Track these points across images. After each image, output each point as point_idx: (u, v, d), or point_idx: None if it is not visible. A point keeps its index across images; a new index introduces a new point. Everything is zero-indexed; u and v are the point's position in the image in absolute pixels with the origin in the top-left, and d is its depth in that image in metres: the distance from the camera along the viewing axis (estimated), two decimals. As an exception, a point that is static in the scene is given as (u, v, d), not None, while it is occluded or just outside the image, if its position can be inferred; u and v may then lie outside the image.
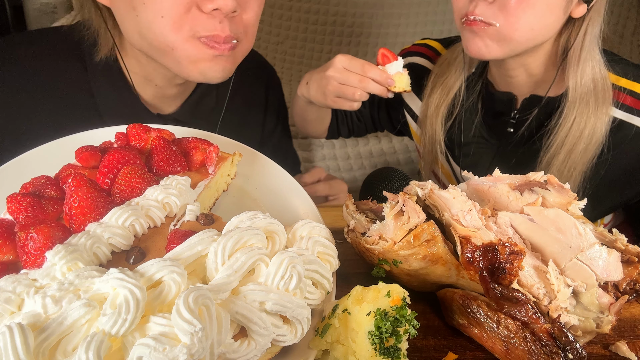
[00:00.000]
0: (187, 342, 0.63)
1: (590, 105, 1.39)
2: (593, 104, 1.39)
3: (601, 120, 1.39)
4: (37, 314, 0.68)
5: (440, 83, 1.64)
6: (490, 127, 1.62)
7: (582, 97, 1.40)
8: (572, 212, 0.92)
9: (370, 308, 0.78)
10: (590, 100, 1.39)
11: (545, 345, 0.77)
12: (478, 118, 1.62)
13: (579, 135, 1.40)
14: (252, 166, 1.16)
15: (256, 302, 0.74)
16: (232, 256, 0.76)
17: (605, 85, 1.41)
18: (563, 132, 1.42)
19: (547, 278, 0.83)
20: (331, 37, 3.10)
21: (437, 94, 1.65)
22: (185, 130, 1.16)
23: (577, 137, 1.40)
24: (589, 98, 1.40)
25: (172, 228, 0.87)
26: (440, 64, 1.68)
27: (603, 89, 1.41)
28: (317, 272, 0.84)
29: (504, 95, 1.56)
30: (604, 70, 1.42)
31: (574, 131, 1.40)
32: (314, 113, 1.78)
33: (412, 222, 0.85)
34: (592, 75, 1.40)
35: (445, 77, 1.64)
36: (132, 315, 0.66)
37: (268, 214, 0.86)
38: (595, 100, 1.39)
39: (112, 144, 1.04)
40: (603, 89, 1.41)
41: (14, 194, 0.85)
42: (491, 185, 0.97)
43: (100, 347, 0.63)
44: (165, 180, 0.93)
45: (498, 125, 1.60)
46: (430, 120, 1.67)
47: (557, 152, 1.43)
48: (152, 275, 0.72)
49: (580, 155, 1.41)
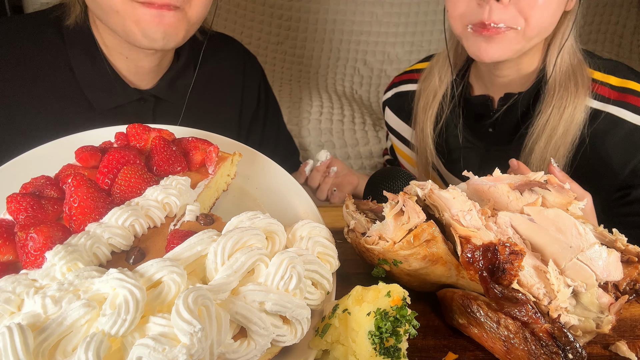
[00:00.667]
0: (187, 343, 0.63)
1: (570, 90, 1.42)
2: (573, 88, 1.42)
3: (580, 104, 1.42)
4: (36, 314, 0.68)
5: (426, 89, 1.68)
6: (473, 130, 1.65)
7: (561, 83, 1.43)
8: (572, 212, 0.92)
9: (370, 308, 0.78)
10: (569, 85, 1.43)
11: (545, 345, 0.77)
12: (460, 122, 1.64)
13: (559, 119, 1.42)
14: (252, 166, 1.16)
15: (256, 303, 0.74)
16: (232, 256, 0.76)
17: (583, 70, 1.45)
18: (544, 117, 1.44)
19: (547, 278, 0.83)
20: (331, 37, 3.10)
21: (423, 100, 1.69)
22: (185, 130, 1.16)
23: (557, 120, 1.43)
24: (569, 83, 1.43)
25: (172, 228, 0.87)
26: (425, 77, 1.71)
27: (582, 74, 1.44)
28: (317, 272, 0.84)
29: (479, 98, 1.60)
30: (580, 56, 1.46)
31: (554, 115, 1.43)
32: None
33: (412, 222, 0.85)
34: (571, 62, 1.44)
35: (430, 82, 1.67)
36: (132, 316, 0.66)
37: (268, 214, 0.86)
38: (574, 84, 1.43)
39: (112, 144, 1.04)
40: (582, 75, 1.44)
41: (14, 194, 0.85)
42: (491, 185, 0.97)
43: (100, 347, 0.63)
44: (165, 181, 0.94)
45: (480, 128, 1.62)
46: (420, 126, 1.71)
47: (539, 137, 1.45)
48: (151, 275, 0.72)
49: (562, 138, 1.43)
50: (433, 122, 1.67)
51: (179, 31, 1.30)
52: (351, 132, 2.72)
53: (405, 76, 1.91)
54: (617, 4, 3.20)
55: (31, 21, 1.46)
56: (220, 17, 2.88)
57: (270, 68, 3.10)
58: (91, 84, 1.41)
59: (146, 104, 1.51)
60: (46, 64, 1.40)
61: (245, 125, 1.78)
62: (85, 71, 1.41)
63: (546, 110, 1.44)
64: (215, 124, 1.39)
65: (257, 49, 3.04)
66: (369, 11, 3.03)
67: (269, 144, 1.86)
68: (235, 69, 1.75)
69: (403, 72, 1.95)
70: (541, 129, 1.44)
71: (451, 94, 1.63)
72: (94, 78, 1.42)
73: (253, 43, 3.02)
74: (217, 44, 1.67)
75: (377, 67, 3.19)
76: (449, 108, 1.65)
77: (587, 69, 1.46)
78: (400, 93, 1.87)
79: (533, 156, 1.47)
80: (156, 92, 1.51)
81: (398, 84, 1.91)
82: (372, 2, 3.00)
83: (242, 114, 1.76)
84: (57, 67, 1.40)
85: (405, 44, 3.15)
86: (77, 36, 1.41)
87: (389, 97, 1.93)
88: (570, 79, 1.43)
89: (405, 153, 1.91)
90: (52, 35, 1.41)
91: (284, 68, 3.14)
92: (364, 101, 3.14)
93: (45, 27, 1.42)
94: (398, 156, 1.98)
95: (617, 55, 3.27)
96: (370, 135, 2.72)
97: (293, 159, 2.01)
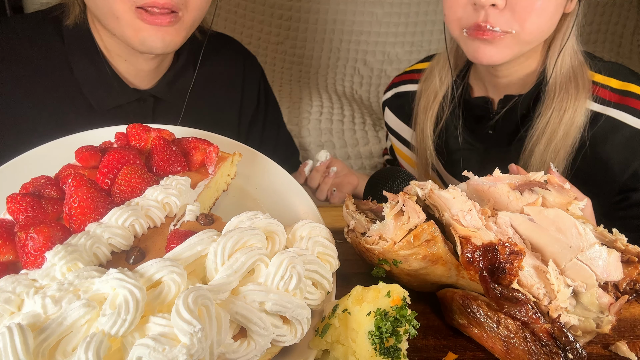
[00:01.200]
0: (187, 343, 0.63)
1: (570, 93, 1.42)
2: (573, 91, 1.42)
3: (581, 107, 1.42)
4: (36, 314, 0.68)
5: (426, 89, 1.68)
6: (473, 132, 1.64)
7: (562, 85, 1.42)
8: (572, 212, 0.92)
9: (370, 308, 0.78)
10: (570, 87, 1.42)
11: (545, 345, 0.77)
12: (460, 124, 1.64)
13: (559, 121, 1.42)
14: (252, 166, 1.16)
15: (256, 303, 0.74)
16: (232, 256, 0.76)
17: (584, 73, 1.44)
18: (544, 120, 1.44)
19: (547, 278, 0.83)
20: (331, 37, 3.10)
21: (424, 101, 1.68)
22: (185, 130, 1.16)
23: (557, 122, 1.42)
24: (569, 86, 1.42)
25: (172, 228, 0.87)
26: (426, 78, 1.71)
27: (582, 77, 1.44)
28: (317, 272, 0.84)
29: (479, 100, 1.60)
30: (581, 57, 1.45)
31: (554, 117, 1.42)
32: None
33: (412, 222, 0.85)
34: (571, 64, 1.44)
35: (430, 82, 1.67)
36: (132, 316, 0.66)
37: (268, 214, 0.86)
38: (575, 87, 1.42)
39: (112, 144, 1.04)
40: (583, 77, 1.44)
41: (14, 194, 0.85)
42: (491, 185, 0.97)
43: (100, 347, 0.63)
44: (165, 181, 0.93)
45: (480, 129, 1.62)
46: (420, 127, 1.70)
47: (538, 140, 1.44)
48: (151, 275, 0.72)
49: (562, 141, 1.43)
50: (433, 123, 1.67)
51: (177, 38, 1.31)
52: (351, 132, 2.72)
53: (405, 76, 1.90)
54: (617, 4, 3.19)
55: (31, 21, 1.46)
56: (220, 17, 2.88)
57: (270, 68, 3.09)
58: (90, 84, 1.41)
59: (146, 104, 1.51)
60: (45, 63, 1.40)
61: (245, 125, 1.78)
62: (85, 71, 1.41)
63: (546, 113, 1.43)
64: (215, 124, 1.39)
65: (257, 49, 3.04)
66: (369, 11, 3.03)
67: (268, 143, 1.86)
68: (235, 69, 1.74)
69: (403, 72, 1.95)
70: (541, 131, 1.44)
71: (451, 95, 1.63)
72: (93, 78, 1.42)
73: (253, 43, 3.02)
74: (217, 44, 1.67)
75: (377, 67, 3.19)
76: (449, 109, 1.65)
77: (588, 72, 1.46)
78: (399, 93, 1.87)
79: (533, 159, 1.46)
80: (156, 92, 1.51)
81: (398, 84, 1.91)
82: (372, 2, 3.00)
83: (242, 113, 1.76)
84: (57, 67, 1.40)
85: (405, 44, 3.15)
86: (76, 36, 1.41)
87: (389, 98, 1.93)
88: (570, 81, 1.43)
89: (405, 153, 1.91)
90: (51, 35, 1.41)
91: (284, 68, 3.14)
92: (364, 101, 3.14)
93: (44, 27, 1.42)
94: (397, 156, 1.98)
95: (617, 55, 3.27)
96: (370, 135, 2.72)
97: (293, 158, 2.01)
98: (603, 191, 1.45)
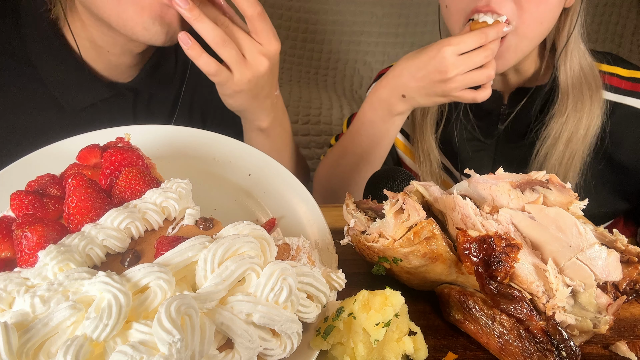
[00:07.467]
0: (165, 353, 0.61)
1: (584, 93, 1.41)
2: (587, 92, 1.41)
3: (597, 106, 1.41)
4: (25, 313, 0.67)
5: None
6: (482, 128, 1.63)
7: (575, 86, 1.41)
8: (573, 211, 0.92)
9: (380, 319, 0.77)
10: (583, 87, 1.41)
11: (539, 342, 0.77)
12: (469, 121, 1.63)
13: (576, 124, 1.41)
14: (253, 166, 1.15)
15: (243, 314, 0.71)
16: (222, 264, 0.73)
17: (594, 72, 1.44)
18: (559, 123, 1.43)
19: (546, 276, 0.83)
20: (331, 37, 3.10)
21: None
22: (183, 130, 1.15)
23: (575, 125, 1.41)
24: (582, 86, 1.41)
25: (170, 232, 0.85)
26: None
27: (593, 75, 1.43)
28: (312, 285, 0.80)
29: None
30: (590, 58, 1.45)
31: (571, 120, 1.41)
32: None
33: (412, 219, 0.85)
34: (580, 63, 1.43)
35: None
36: (114, 321, 0.64)
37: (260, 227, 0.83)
38: (588, 87, 1.41)
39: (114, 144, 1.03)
40: (593, 76, 1.43)
41: (19, 191, 0.85)
42: (492, 183, 0.96)
43: (80, 351, 0.61)
44: (165, 184, 0.92)
45: (490, 125, 1.61)
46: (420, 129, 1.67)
47: (555, 142, 1.43)
48: (138, 280, 0.70)
49: (581, 142, 1.42)
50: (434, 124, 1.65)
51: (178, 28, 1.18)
52: (351, 132, 2.71)
53: None
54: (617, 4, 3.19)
55: None
56: (220, 18, 2.88)
57: (270, 68, 3.09)
58: (57, 82, 1.28)
59: (124, 99, 1.38)
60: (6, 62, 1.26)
61: None
62: (49, 67, 1.27)
63: (560, 115, 1.42)
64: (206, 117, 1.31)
65: (257, 49, 3.03)
66: (369, 11, 3.03)
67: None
68: None
69: None
70: (557, 132, 1.42)
71: None
72: (59, 74, 1.28)
73: (253, 43, 3.02)
74: None
75: (377, 67, 3.19)
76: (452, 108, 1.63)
77: (597, 71, 1.45)
78: None
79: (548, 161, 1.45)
80: (135, 85, 1.38)
81: None
82: (372, 2, 3.00)
83: None
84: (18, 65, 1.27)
85: (405, 44, 3.15)
86: (36, 27, 1.26)
87: None
88: (583, 83, 1.41)
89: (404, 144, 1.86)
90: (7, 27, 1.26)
91: (283, 68, 3.14)
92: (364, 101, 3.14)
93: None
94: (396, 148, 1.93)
95: (617, 56, 3.27)
96: (370, 135, 2.72)
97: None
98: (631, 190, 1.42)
